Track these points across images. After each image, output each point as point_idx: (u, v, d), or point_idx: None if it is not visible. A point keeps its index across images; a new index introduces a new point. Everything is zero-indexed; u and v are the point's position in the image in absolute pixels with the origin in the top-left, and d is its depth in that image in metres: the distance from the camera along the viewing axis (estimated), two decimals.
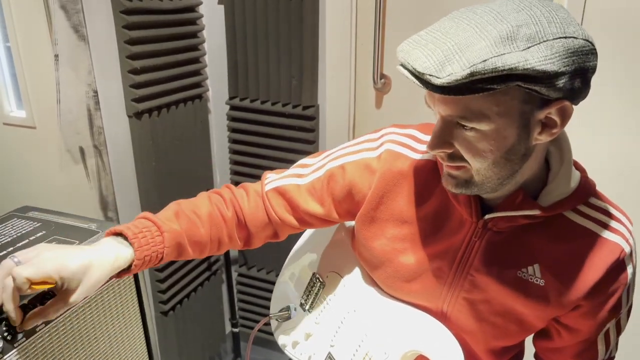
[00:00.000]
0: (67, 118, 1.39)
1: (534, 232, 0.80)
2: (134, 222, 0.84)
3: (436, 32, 0.68)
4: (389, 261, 0.91)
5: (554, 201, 0.78)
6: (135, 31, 1.42)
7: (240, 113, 1.80)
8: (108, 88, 1.44)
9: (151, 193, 1.60)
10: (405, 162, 0.89)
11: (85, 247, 0.77)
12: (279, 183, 0.97)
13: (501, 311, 0.84)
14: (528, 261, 0.81)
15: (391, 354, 0.90)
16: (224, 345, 2.15)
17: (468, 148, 0.72)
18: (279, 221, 0.96)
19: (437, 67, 0.64)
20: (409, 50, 0.67)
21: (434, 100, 0.71)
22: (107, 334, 0.97)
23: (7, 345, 0.77)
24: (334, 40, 1.62)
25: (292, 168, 1.00)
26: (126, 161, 1.54)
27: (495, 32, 0.64)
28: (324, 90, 1.69)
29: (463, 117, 0.69)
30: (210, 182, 1.88)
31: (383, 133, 0.93)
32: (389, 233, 0.90)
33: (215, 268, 1.96)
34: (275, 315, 1.15)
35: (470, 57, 0.63)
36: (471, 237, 0.84)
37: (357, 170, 0.92)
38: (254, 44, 1.68)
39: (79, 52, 1.35)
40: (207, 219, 0.91)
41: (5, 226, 0.98)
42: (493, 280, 0.83)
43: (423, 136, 0.90)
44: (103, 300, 0.95)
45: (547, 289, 0.80)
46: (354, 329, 0.99)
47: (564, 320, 0.85)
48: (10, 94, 1.46)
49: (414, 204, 0.88)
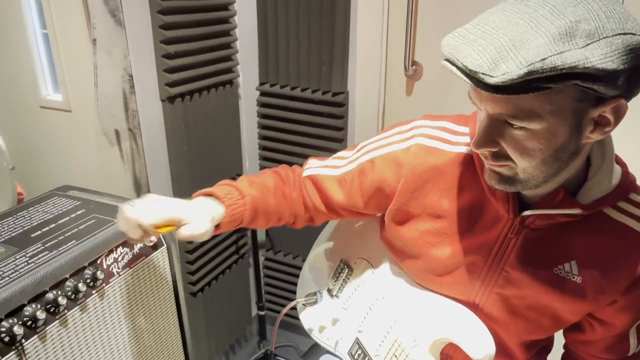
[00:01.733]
0: (104, 101, 1.42)
1: (571, 228, 0.79)
2: (218, 187, 0.93)
3: (485, 25, 0.64)
4: (421, 254, 0.90)
5: (594, 198, 0.76)
6: (169, 16, 1.44)
7: (270, 99, 1.81)
8: (143, 72, 1.46)
9: (183, 176, 1.63)
10: (439, 156, 0.87)
11: (187, 201, 0.88)
12: (316, 172, 1.00)
13: (535, 306, 0.84)
14: (565, 258, 0.80)
15: (421, 341, 0.90)
16: (250, 328, 2.19)
17: (516, 147, 0.69)
18: (312, 207, 0.99)
19: (490, 65, 0.61)
20: (456, 46, 0.64)
21: (481, 98, 0.68)
22: (143, 310, 1.00)
23: (49, 317, 0.81)
24: (366, 26, 1.61)
25: (331, 159, 1.02)
26: (159, 144, 1.58)
27: (553, 27, 0.61)
28: (354, 76, 1.68)
29: (513, 116, 0.66)
30: (239, 167, 1.90)
31: (413, 126, 0.91)
32: (422, 227, 0.89)
33: (243, 252, 1.99)
34: (302, 300, 1.17)
35: (527, 55, 0.60)
36: (507, 233, 0.82)
37: (385, 164, 0.92)
38: (285, 30, 1.68)
39: (115, 36, 1.38)
40: (274, 192, 0.98)
41: (47, 204, 1.02)
42: (528, 277, 0.82)
43: (457, 127, 0.88)
44: (139, 278, 0.98)
45: (584, 286, 0.79)
46: (383, 316, 0.99)
47: (599, 315, 0.84)
48: (47, 78, 1.51)
49: (448, 198, 0.86)
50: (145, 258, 0.99)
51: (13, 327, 0.75)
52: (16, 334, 0.75)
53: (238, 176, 1.89)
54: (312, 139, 1.77)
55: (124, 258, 0.95)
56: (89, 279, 0.87)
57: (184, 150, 1.60)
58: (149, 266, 1.00)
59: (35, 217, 0.96)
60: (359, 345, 1.03)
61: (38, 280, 0.79)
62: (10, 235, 0.90)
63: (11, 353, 0.76)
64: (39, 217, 0.96)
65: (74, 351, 0.86)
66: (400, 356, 0.92)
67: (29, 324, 0.78)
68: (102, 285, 0.90)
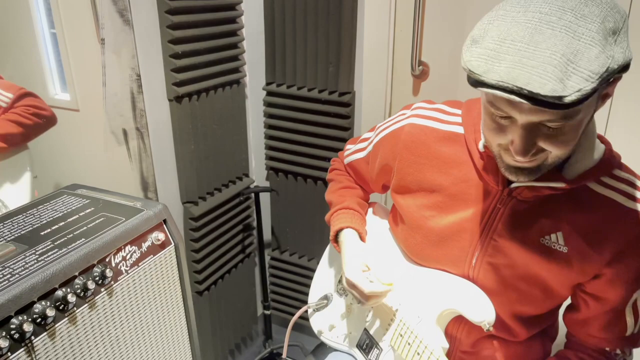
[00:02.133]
0: (112, 100, 1.43)
1: (558, 201, 0.83)
2: (353, 219, 1.09)
3: (514, 42, 0.64)
4: (418, 227, 0.96)
5: (578, 173, 0.81)
6: (177, 16, 1.45)
7: (277, 99, 1.81)
8: (150, 72, 1.47)
9: (189, 175, 1.64)
10: (431, 134, 0.93)
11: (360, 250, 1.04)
12: (352, 158, 1.16)
13: (525, 276, 0.87)
14: (551, 229, 0.84)
15: (425, 317, 0.93)
16: (256, 327, 2.20)
17: (553, 143, 0.71)
18: (360, 186, 1.19)
19: (560, 86, 0.61)
20: (504, 71, 0.64)
21: (521, 111, 0.68)
22: (150, 308, 1.00)
23: (58, 314, 0.81)
24: (373, 26, 1.61)
25: (359, 141, 1.15)
26: (166, 144, 1.58)
27: (592, 33, 0.63)
28: (360, 76, 1.69)
29: (560, 119, 0.68)
30: (245, 167, 1.91)
31: (413, 107, 1.00)
32: (419, 201, 0.95)
33: (249, 251, 1.99)
34: (313, 305, 1.17)
35: (589, 67, 0.62)
36: (496, 204, 0.87)
37: (385, 143, 1.02)
38: (292, 30, 1.69)
39: (123, 36, 1.39)
40: (355, 187, 1.19)
41: (57, 202, 1.02)
42: (516, 245, 0.86)
43: (450, 109, 0.95)
44: (147, 276, 0.98)
45: (570, 256, 0.83)
46: (389, 301, 1.02)
47: (589, 289, 0.87)
48: (55, 78, 1.52)
49: (441, 173, 0.92)
50: (154, 256, 0.99)
51: (23, 324, 0.75)
52: (26, 331, 0.76)
53: (245, 176, 1.90)
54: (319, 139, 1.78)
55: (132, 256, 0.95)
56: (98, 276, 0.88)
57: (191, 149, 1.61)
58: (157, 264, 1.00)
59: (44, 215, 0.97)
60: (367, 335, 1.05)
61: (48, 277, 0.80)
62: (20, 233, 0.91)
63: (21, 350, 0.76)
64: (49, 215, 0.97)
65: (82, 348, 0.86)
66: (405, 334, 0.94)
67: (39, 321, 0.78)
68: (111, 283, 0.91)
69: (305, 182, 1.86)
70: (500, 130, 0.74)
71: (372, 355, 1.02)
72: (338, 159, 1.25)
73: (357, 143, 1.15)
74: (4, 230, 0.92)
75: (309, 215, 1.89)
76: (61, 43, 1.44)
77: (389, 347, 0.99)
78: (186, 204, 1.66)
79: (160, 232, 1.01)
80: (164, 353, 1.06)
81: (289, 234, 2.00)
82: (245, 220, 1.93)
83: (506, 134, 0.73)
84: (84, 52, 1.44)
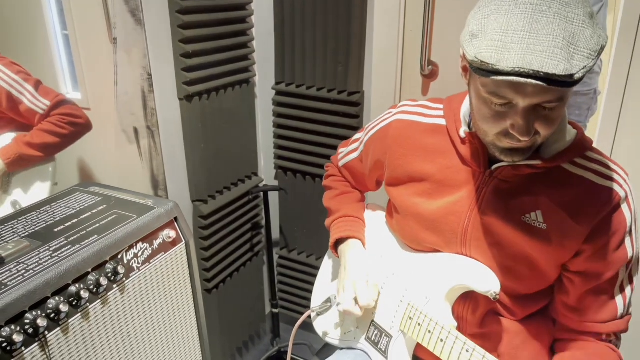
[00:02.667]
0: (123, 99, 1.45)
1: (536, 181, 0.89)
2: (351, 226, 1.16)
3: (516, 32, 0.70)
4: (411, 214, 1.02)
5: (553, 153, 0.87)
6: (188, 16, 1.46)
7: (286, 98, 1.82)
8: (161, 71, 1.49)
9: (199, 174, 1.65)
10: (417, 128, 1.01)
11: (362, 261, 1.10)
12: (346, 160, 1.22)
13: (511, 254, 0.92)
14: (531, 207, 0.89)
15: (432, 296, 0.96)
16: (264, 325, 2.21)
17: (547, 122, 0.78)
18: (356, 187, 1.25)
19: (569, 66, 0.68)
20: (517, 58, 0.69)
21: (525, 95, 0.74)
22: (161, 305, 1.02)
23: (71, 310, 0.83)
24: (382, 26, 1.61)
25: (351, 143, 1.22)
26: (176, 142, 1.60)
27: (581, 17, 0.70)
28: (369, 76, 1.69)
29: (557, 100, 0.74)
30: (254, 166, 1.92)
31: (399, 105, 1.08)
32: (410, 190, 1.02)
33: (257, 250, 2.00)
34: (317, 308, 1.17)
35: (588, 46, 0.70)
36: (479, 185, 0.93)
37: (375, 141, 1.10)
38: (301, 29, 1.69)
39: (135, 35, 1.40)
40: (354, 192, 1.26)
41: (70, 199, 1.04)
42: (500, 224, 0.91)
43: (432, 104, 1.03)
44: (158, 273, 0.99)
45: (549, 232, 0.88)
46: (395, 289, 1.04)
47: (573, 267, 0.91)
48: (67, 77, 1.54)
49: (428, 163, 0.99)
50: (165, 254, 1.00)
51: (37, 319, 0.77)
52: (40, 326, 0.77)
53: (254, 175, 1.91)
54: (328, 138, 1.78)
55: (143, 253, 0.96)
56: (110, 273, 0.89)
57: (201, 148, 1.62)
58: (168, 262, 1.02)
59: (58, 212, 0.99)
60: (375, 327, 1.06)
61: (62, 273, 0.81)
62: (34, 230, 0.92)
63: (34, 345, 0.78)
64: (62, 212, 0.98)
65: (94, 343, 0.88)
66: (414, 316, 0.96)
67: (52, 316, 0.80)
68: (123, 279, 0.92)
69: (314, 182, 1.87)
70: (498, 117, 0.79)
71: (382, 344, 1.03)
72: (332, 165, 1.31)
73: (349, 145, 1.22)
74: (19, 226, 0.94)
75: (317, 215, 1.90)
76: (73, 43, 1.46)
77: (398, 332, 1.01)
78: (196, 202, 1.67)
79: (172, 230, 1.02)
80: (174, 350, 1.08)
81: (297, 233, 2.01)
82: (254, 219, 1.94)
83: (505, 120, 0.79)
84: (96, 52, 1.46)
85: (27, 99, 1.30)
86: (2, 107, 1.28)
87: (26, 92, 1.29)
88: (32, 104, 1.30)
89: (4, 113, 1.30)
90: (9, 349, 0.74)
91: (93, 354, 0.88)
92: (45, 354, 0.79)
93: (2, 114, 1.30)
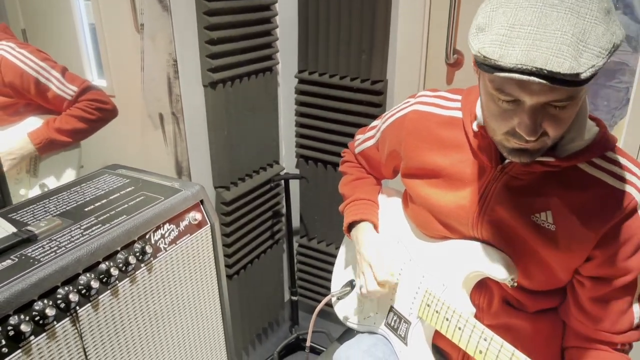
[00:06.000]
0: (149, 85, 1.46)
1: (549, 180, 0.85)
2: (364, 209, 1.16)
3: (524, 27, 0.67)
4: (425, 205, 1.01)
5: (569, 153, 0.83)
6: (213, 2, 1.47)
7: (309, 86, 1.82)
8: (186, 57, 1.50)
9: (222, 160, 1.66)
10: (433, 120, 0.99)
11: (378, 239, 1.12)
12: (363, 147, 1.21)
13: (520, 251, 0.90)
14: (542, 207, 0.86)
15: (450, 283, 0.96)
16: (282, 313, 2.23)
17: (556, 123, 0.75)
18: (372, 173, 1.25)
19: (576, 64, 0.64)
20: (522, 54, 0.66)
21: (532, 93, 0.70)
22: (186, 286, 1.03)
23: (101, 286, 0.85)
24: (407, 13, 1.60)
25: (368, 130, 1.20)
26: (200, 129, 1.61)
27: (594, 13, 0.66)
28: (393, 64, 1.68)
29: (567, 99, 0.70)
30: (276, 154, 1.93)
31: (417, 95, 1.05)
32: (424, 182, 1.01)
33: (277, 237, 2.02)
34: (337, 293, 1.18)
35: (598, 44, 0.65)
36: (490, 180, 0.91)
37: (391, 130, 1.08)
38: (325, 17, 1.69)
39: (162, 21, 1.42)
40: (369, 177, 1.26)
41: (99, 180, 1.06)
42: (509, 220, 0.89)
43: (451, 96, 1.00)
44: (184, 254, 1.01)
45: (557, 234, 0.85)
46: (412, 275, 1.05)
47: (585, 271, 0.88)
48: (92, 64, 1.56)
49: (441, 155, 0.97)
50: (190, 235, 1.02)
51: (69, 294, 0.79)
52: (71, 301, 0.79)
53: (275, 163, 1.92)
54: (350, 127, 1.78)
55: (170, 234, 0.98)
56: (139, 252, 0.90)
57: (224, 135, 1.63)
58: (194, 243, 1.03)
59: (88, 193, 1.01)
60: (394, 312, 1.07)
61: (93, 250, 0.83)
62: (66, 209, 0.94)
63: (66, 319, 0.80)
64: (92, 193, 1.00)
65: (123, 320, 0.90)
66: (432, 303, 0.97)
67: (84, 292, 0.82)
68: (150, 259, 0.93)
69: (335, 171, 1.87)
70: (505, 115, 0.76)
71: (401, 330, 1.04)
72: (349, 151, 1.30)
73: (366, 132, 1.20)
74: (50, 205, 0.96)
75: (337, 204, 1.89)
76: (99, 31, 1.48)
77: (417, 319, 1.01)
78: (218, 188, 1.69)
79: (198, 212, 1.03)
80: (197, 332, 1.09)
81: (317, 221, 2.02)
82: (274, 206, 1.96)
83: (512, 118, 0.75)
84: (121, 40, 1.48)
85: (54, 85, 1.32)
86: (30, 94, 1.30)
87: (53, 78, 1.31)
88: (60, 90, 1.33)
89: (33, 100, 1.32)
90: (42, 323, 0.76)
91: (122, 331, 0.90)
92: (76, 328, 0.82)
93: (31, 100, 1.32)
